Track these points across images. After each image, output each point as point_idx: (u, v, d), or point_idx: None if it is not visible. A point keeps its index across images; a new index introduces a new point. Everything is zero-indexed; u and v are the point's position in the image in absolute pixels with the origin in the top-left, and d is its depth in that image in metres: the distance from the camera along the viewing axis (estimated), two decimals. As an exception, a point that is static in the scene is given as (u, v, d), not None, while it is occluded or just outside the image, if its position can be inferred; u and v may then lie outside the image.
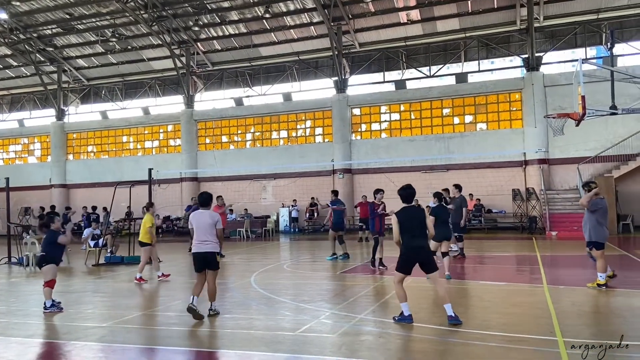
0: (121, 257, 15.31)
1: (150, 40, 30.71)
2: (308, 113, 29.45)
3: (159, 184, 17.76)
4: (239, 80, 31.19)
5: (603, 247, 9.14)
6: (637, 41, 24.30)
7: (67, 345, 6.49)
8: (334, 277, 11.71)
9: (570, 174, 23.52)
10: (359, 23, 27.40)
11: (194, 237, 7.74)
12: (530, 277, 11.05)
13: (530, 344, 5.83)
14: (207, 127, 31.51)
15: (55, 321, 7.77)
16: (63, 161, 34.28)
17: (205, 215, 7.73)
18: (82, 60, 33.46)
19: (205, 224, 7.63)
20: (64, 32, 30.79)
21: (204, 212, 7.82)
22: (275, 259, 15.96)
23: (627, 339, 6.04)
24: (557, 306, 7.66)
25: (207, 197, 7.98)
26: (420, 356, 5.60)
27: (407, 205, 7.17)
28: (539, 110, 23.85)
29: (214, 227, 7.64)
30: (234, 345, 6.28)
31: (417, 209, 7.26)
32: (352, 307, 8.02)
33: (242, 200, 27.80)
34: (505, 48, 26.24)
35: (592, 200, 9.06)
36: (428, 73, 27.50)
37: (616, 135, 22.78)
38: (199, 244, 7.62)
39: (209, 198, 8.01)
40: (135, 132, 33.37)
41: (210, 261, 7.61)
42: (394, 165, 25.60)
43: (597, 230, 9.12)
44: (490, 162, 24.40)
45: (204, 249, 7.58)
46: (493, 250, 16.29)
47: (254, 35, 29.26)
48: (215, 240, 7.66)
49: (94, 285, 11.66)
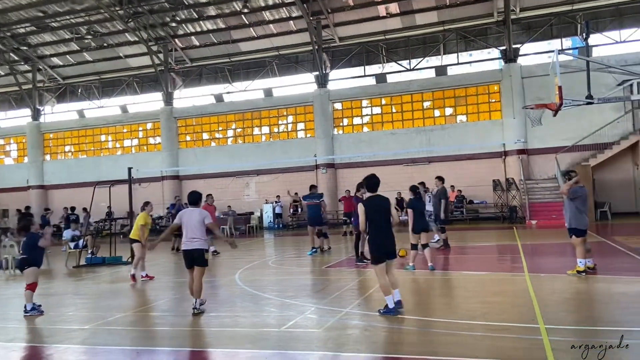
0: (102, 258, 15.11)
1: (126, 37, 30.25)
2: (289, 108, 29.37)
3: (140, 183, 17.54)
4: (219, 77, 30.94)
5: (584, 235, 9.30)
6: (611, 31, 24.71)
7: (49, 349, 6.39)
8: (319, 272, 11.73)
9: (548, 164, 23.90)
10: (338, 17, 27.36)
11: (183, 235, 7.81)
12: (511, 266, 11.20)
13: (513, 332, 5.91)
14: (188, 125, 31.22)
15: (36, 324, 7.64)
16: (40, 162, 33.68)
17: (195, 213, 7.82)
18: (57, 58, 32.84)
19: (194, 222, 7.70)
20: (38, 30, 30.15)
21: (194, 210, 7.90)
22: (260, 255, 15.91)
23: (606, 324, 6.17)
24: (538, 294, 7.77)
25: (196, 197, 8.06)
26: (407, 348, 5.64)
27: (372, 194, 7.25)
28: (517, 102, 24.15)
29: (202, 225, 7.71)
30: (220, 344, 6.24)
31: (382, 198, 7.27)
32: (338, 302, 8.04)
33: (225, 197, 27.62)
34: (483, 40, 26.47)
35: (572, 188, 9.22)
36: (408, 66, 27.62)
37: (592, 124, 23.17)
38: (187, 241, 7.70)
39: (199, 197, 8.11)
40: (113, 131, 32.91)
41: (197, 258, 7.66)
42: (376, 159, 25.69)
43: (577, 218, 9.27)
44: (471, 153, 24.65)
45: (192, 246, 7.66)
46: (475, 240, 16.47)
47: (233, 30, 29.01)
48: (204, 238, 7.76)
49: (75, 287, 11.49)
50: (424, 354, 5.35)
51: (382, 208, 7.14)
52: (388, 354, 5.42)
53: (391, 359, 5.26)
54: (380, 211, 7.10)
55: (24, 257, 8.43)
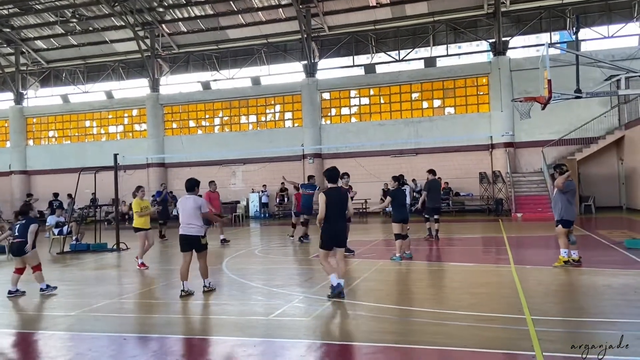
0: (87, 245, 14.96)
1: (112, 22, 29.74)
2: (277, 97, 29.19)
3: (125, 169, 17.35)
4: (206, 64, 30.61)
5: (570, 226, 9.50)
6: (600, 26, 24.90)
7: (35, 335, 6.31)
8: (306, 261, 11.72)
9: (535, 157, 24.11)
10: (328, 6, 27.16)
11: (180, 220, 8.09)
12: (497, 257, 11.30)
13: (499, 322, 5.97)
14: (174, 112, 30.89)
15: (21, 311, 7.54)
16: (23, 147, 33.12)
17: (190, 200, 8.05)
18: (41, 41, 32.20)
19: (189, 209, 7.99)
20: (21, 12, 29.46)
21: (189, 197, 8.12)
22: (246, 244, 15.86)
23: (591, 315, 6.25)
24: (524, 285, 7.86)
25: (192, 184, 8.23)
26: (394, 337, 5.66)
27: (332, 185, 7.51)
28: (505, 94, 24.27)
29: (198, 211, 8.00)
30: (208, 331, 6.21)
31: (341, 189, 7.59)
32: (325, 291, 8.03)
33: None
34: (473, 32, 26.51)
35: (566, 182, 9.38)
36: (397, 57, 27.57)
37: (579, 118, 23.40)
38: (185, 226, 8.02)
39: (195, 184, 8.24)
40: (98, 117, 32.45)
41: (195, 244, 8.04)
42: (363, 149, 25.70)
43: (568, 209, 9.48)
44: (458, 145, 24.76)
45: (189, 232, 8.00)
46: (461, 232, 16.58)
47: (221, 17, 28.68)
48: (200, 224, 8.06)
49: (59, 273, 11.34)
50: (411, 343, 5.38)
51: (339, 200, 7.40)
52: (375, 342, 5.44)
53: (378, 348, 5.27)
54: (337, 203, 7.36)
55: (22, 241, 8.51)
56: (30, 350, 5.82)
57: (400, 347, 5.32)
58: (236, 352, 5.38)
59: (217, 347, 5.61)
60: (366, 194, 23.44)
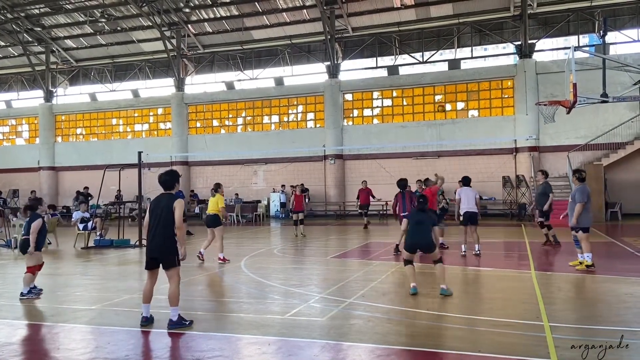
0: (111, 240, 15.25)
1: (140, 22, 30.27)
2: (300, 98, 29.30)
3: (149, 167, 17.63)
4: (231, 64, 30.90)
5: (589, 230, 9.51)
6: (630, 29, 24.34)
7: (55, 328, 6.47)
8: (324, 262, 11.74)
9: (560, 162, 23.66)
10: (352, 7, 27.16)
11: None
12: (518, 263, 11.15)
13: (516, 329, 5.89)
14: (198, 111, 31.26)
15: (43, 304, 7.73)
16: (52, 143, 33.92)
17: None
18: (70, 40, 32.95)
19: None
20: (52, 11, 30.23)
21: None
22: (266, 243, 15.97)
23: (611, 324, 6.13)
24: (543, 291, 7.74)
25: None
26: (408, 340, 5.64)
27: (164, 192, 6.35)
28: (530, 98, 23.90)
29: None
30: (224, 329, 6.28)
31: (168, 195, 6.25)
32: (342, 292, 8.05)
33: (232, 184, 27.73)
34: (499, 35, 26.18)
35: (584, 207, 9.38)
36: (421, 59, 27.40)
37: (607, 123, 22.90)
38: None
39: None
40: (124, 115, 33.04)
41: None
42: (385, 151, 25.61)
43: (585, 217, 9.47)
44: (481, 149, 24.47)
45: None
46: (482, 237, 16.36)
47: (246, 17, 28.92)
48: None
49: (83, 268, 11.61)
50: (425, 347, 5.36)
51: (158, 208, 6.19)
52: (390, 344, 5.43)
53: (393, 350, 5.26)
54: (157, 211, 6.17)
55: (27, 238, 8.18)
56: (51, 343, 5.97)
57: (414, 349, 5.31)
58: (250, 350, 5.43)
59: (232, 344, 5.67)
60: (387, 196, 23.31)
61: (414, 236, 7.68)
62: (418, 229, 7.64)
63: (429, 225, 7.64)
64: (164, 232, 6.14)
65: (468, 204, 11.26)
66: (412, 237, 7.72)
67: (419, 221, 7.69)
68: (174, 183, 6.37)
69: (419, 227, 7.65)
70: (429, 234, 7.58)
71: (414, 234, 7.70)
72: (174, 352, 5.40)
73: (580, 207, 9.30)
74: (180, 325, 6.10)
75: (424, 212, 7.78)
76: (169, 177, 6.35)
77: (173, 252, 6.19)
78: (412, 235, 7.73)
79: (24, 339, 6.07)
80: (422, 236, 7.58)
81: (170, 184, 6.34)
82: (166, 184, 6.34)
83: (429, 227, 7.63)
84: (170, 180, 6.35)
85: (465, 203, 11.30)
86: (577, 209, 9.33)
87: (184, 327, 6.09)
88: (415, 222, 7.75)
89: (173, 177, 6.40)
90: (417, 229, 7.65)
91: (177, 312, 6.16)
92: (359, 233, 18.16)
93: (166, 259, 6.20)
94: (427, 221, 7.64)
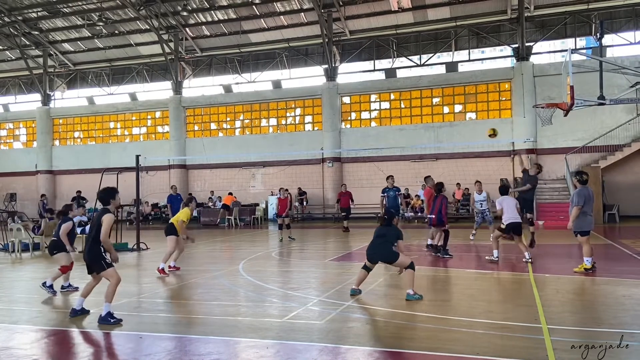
0: (108, 244, 15.18)
1: (137, 25, 30.29)
2: (298, 101, 29.33)
3: (147, 171, 17.63)
4: (228, 67, 30.93)
5: (588, 234, 9.46)
6: (627, 32, 24.44)
7: (52, 332, 6.44)
8: (322, 265, 11.73)
9: (558, 164, 23.72)
10: (349, 10, 27.23)
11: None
12: (516, 265, 11.15)
13: (515, 331, 5.89)
14: (196, 114, 31.27)
15: (41, 307, 7.70)
16: (49, 147, 33.88)
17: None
18: (68, 44, 32.95)
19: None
20: (50, 15, 30.26)
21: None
22: (264, 246, 15.95)
23: (609, 326, 6.13)
24: (542, 294, 7.74)
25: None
26: (407, 342, 5.63)
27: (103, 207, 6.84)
28: (528, 100, 23.98)
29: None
30: (222, 332, 6.27)
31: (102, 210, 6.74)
32: (340, 295, 8.04)
33: (230, 188, 27.71)
34: (496, 37, 26.26)
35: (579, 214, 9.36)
36: (418, 62, 27.46)
37: (604, 125, 22.97)
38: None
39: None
40: (122, 118, 33.04)
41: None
42: (383, 154, 25.63)
43: (584, 220, 9.45)
44: (479, 151, 24.53)
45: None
46: (480, 239, 16.39)
47: (244, 21, 28.96)
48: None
49: (81, 272, 11.53)
50: (424, 349, 5.34)
51: (94, 221, 6.75)
52: (388, 347, 5.42)
53: (391, 353, 5.26)
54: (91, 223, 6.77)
55: (54, 240, 8.76)
56: (47, 348, 5.94)
57: (413, 352, 5.30)
58: (248, 353, 5.42)
59: (230, 347, 5.66)
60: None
61: (374, 248, 7.92)
62: (379, 242, 7.87)
63: (390, 240, 7.80)
64: (92, 242, 6.77)
65: (512, 213, 11.19)
66: (372, 249, 7.95)
67: (381, 234, 7.91)
68: (109, 199, 6.88)
69: (380, 239, 7.88)
70: (389, 247, 7.75)
71: (374, 246, 7.93)
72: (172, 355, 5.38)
73: (576, 210, 9.28)
74: (105, 322, 6.43)
75: (389, 227, 7.96)
76: (104, 194, 6.93)
77: (99, 259, 6.75)
78: (372, 247, 7.96)
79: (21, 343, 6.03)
80: (382, 248, 7.80)
81: (105, 200, 6.88)
82: (102, 200, 6.91)
83: (390, 241, 7.79)
84: (105, 197, 6.89)
85: (508, 213, 11.22)
86: (573, 212, 9.33)
87: (108, 324, 6.39)
88: (377, 235, 7.98)
89: (107, 193, 6.94)
90: (378, 241, 7.88)
91: (107, 308, 6.54)
92: (356, 236, 18.15)
93: (93, 265, 6.82)
94: (389, 235, 7.83)
